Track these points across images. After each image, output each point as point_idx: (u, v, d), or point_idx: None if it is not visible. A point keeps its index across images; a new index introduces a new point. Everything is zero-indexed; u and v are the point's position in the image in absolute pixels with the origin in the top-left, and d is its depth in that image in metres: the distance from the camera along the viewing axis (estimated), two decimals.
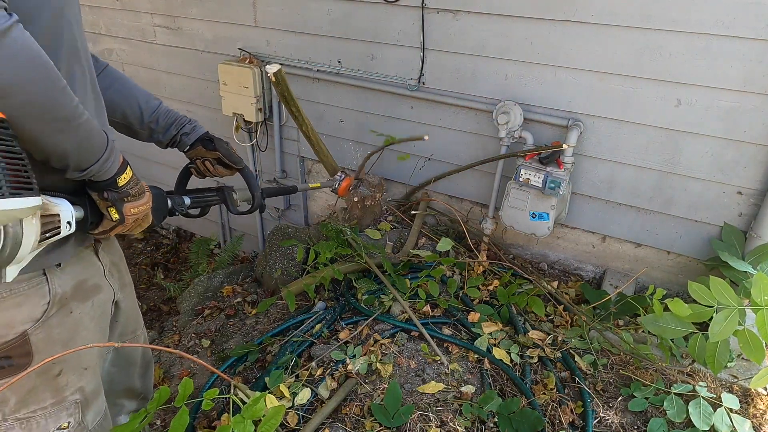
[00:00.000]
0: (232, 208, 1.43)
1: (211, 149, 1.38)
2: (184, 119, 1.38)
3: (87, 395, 1.09)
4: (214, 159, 1.40)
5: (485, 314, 2.19)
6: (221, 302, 2.83)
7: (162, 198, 1.17)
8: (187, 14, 3.15)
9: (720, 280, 1.64)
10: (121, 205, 0.98)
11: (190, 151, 1.40)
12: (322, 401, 1.80)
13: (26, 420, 0.99)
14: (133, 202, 1.01)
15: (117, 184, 0.97)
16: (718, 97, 2.03)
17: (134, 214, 1.02)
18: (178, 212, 1.24)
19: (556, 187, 2.23)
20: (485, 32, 2.34)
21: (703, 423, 1.62)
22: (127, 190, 0.99)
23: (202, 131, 1.40)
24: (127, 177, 0.99)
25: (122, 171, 0.98)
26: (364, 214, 2.76)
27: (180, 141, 1.38)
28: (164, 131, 1.34)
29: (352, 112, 2.89)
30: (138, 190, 1.02)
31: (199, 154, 1.41)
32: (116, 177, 0.96)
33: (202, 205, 1.37)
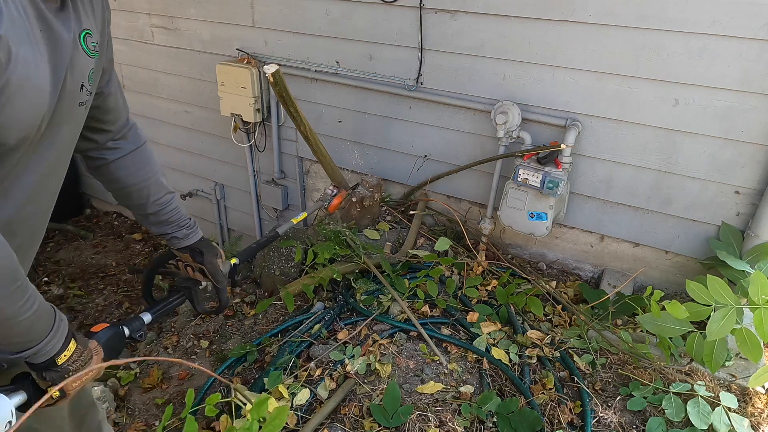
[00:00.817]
0: (199, 307, 1.40)
1: (198, 262, 1.35)
2: (183, 223, 1.35)
3: None
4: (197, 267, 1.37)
5: (484, 314, 2.19)
6: None
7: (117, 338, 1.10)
8: (185, 15, 3.15)
9: (718, 279, 1.65)
10: (61, 381, 0.92)
11: (177, 251, 1.38)
12: (320, 402, 1.80)
13: None
14: (75, 376, 0.94)
15: (56, 364, 0.91)
16: (716, 96, 2.03)
17: (77, 387, 0.96)
18: (137, 341, 1.17)
19: (555, 186, 2.23)
20: (483, 32, 2.34)
21: (702, 422, 1.62)
22: (67, 367, 0.93)
23: (193, 240, 1.36)
24: (69, 353, 0.93)
25: (64, 348, 0.92)
26: (362, 215, 2.76)
27: (169, 240, 1.36)
28: (159, 225, 1.33)
29: (351, 112, 2.89)
30: (82, 361, 0.96)
31: (185, 259, 1.38)
32: (55, 357, 0.90)
33: (165, 314, 1.34)
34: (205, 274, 1.36)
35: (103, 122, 1.15)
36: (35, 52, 0.79)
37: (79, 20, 0.89)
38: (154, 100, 3.64)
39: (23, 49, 0.75)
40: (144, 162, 1.26)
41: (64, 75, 0.86)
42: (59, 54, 0.84)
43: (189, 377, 2.29)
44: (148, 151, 1.30)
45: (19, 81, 0.76)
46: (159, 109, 3.65)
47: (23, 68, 0.76)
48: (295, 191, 3.38)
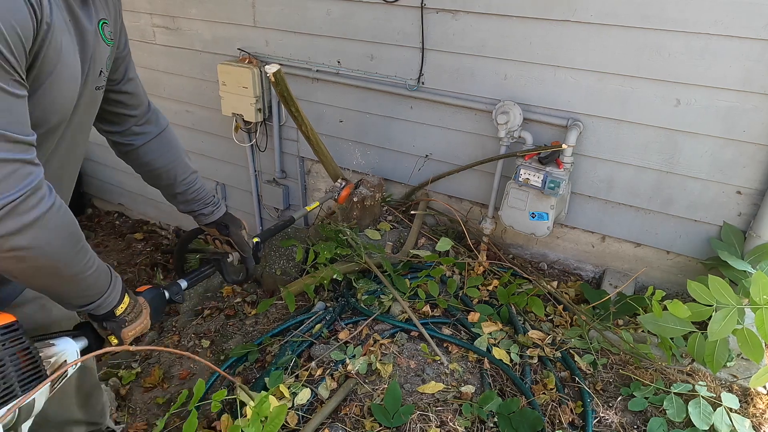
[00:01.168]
0: (228, 277, 1.50)
1: (225, 235, 1.45)
2: (209, 200, 1.45)
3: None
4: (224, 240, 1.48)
5: (485, 314, 2.19)
6: (221, 302, 2.83)
7: (159, 298, 1.21)
8: (187, 14, 3.15)
9: (719, 279, 1.65)
10: (119, 331, 1.03)
11: (205, 226, 1.48)
12: (321, 401, 1.80)
13: None
14: (130, 326, 1.06)
15: (115, 314, 1.01)
16: (717, 96, 2.03)
17: (133, 335, 1.07)
18: (175, 302, 1.28)
19: (556, 186, 2.23)
20: (484, 32, 2.34)
21: (703, 422, 1.62)
22: (124, 317, 1.04)
23: (219, 215, 1.46)
24: (125, 305, 1.04)
25: (120, 301, 1.03)
26: (363, 215, 2.76)
27: (196, 217, 1.46)
28: (187, 204, 1.42)
29: (352, 112, 2.89)
30: (135, 313, 1.07)
31: (212, 234, 1.49)
32: (114, 308, 1.01)
33: (199, 281, 1.42)
34: (232, 245, 1.46)
35: (128, 107, 1.24)
36: (70, 41, 0.85)
37: (96, 10, 0.95)
38: (155, 100, 3.58)
39: (64, 38, 0.82)
40: (170, 144, 1.35)
41: (89, 62, 0.93)
42: (85, 43, 0.91)
43: (190, 377, 2.29)
44: (172, 133, 1.40)
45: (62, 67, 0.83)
46: (160, 108, 3.63)
47: (65, 56, 0.83)
48: (297, 191, 3.38)
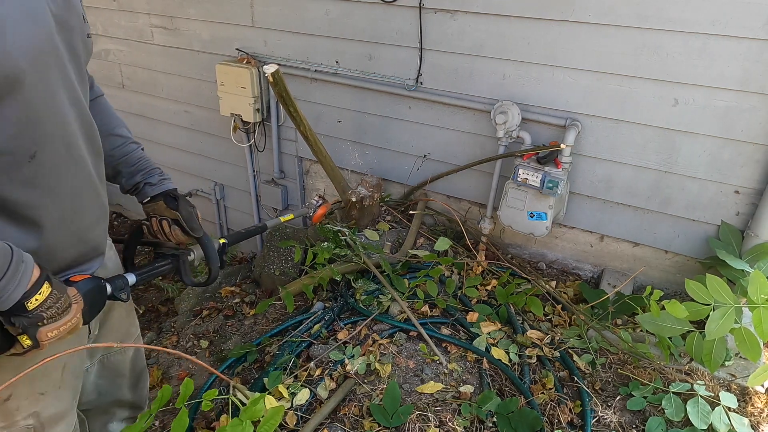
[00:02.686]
0: (186, 278, 1.29)
1: (172, 207, 1.27)
2: (154, 170, 1.31)
3: (43, 420, 1.04)
4: (173, 219, 1.28)
5: (484, 314, 2.19)
6: (219, 303, 2.83)
7: (98, 291, 1.01)
8: (185, 15, 3.15)
9: (717, 279, 1.65)
10: (35, 330, 0.84)
11: (149, 203, 1.30)
12: (320, 401, 1.80)
13: None
14: (50, 325, 0.86)
15: (26, 309, 0.82)
16: (716, 96, 2.03)
17: (53, 336, 0.87)
18: (118, 299, 1.08)
19: (554, 186, 2.23)
20: (483, 32, 2.34)
21: (702, 422, 1.62)
22: (39, 313, 0.84)
23: (168, 187, 1.31)
24: (41, 297, 0.84)
25: (34, 291, 0.83)
26: (362, 215, 2.76)
27: (141, 190, 1.30)
28: (129, 176, 1.28)
29: (350, 112, 2.89)
30: (59, 308, 0.87)
31: (158, 211, 1.29)
32: (24, 301, 0.82)
33: (151, 278, 1.23)
34: (181, 224, 1.27)
35: None
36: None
37: None
38: (153, 100, 3.64)
39: None
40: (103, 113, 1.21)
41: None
42: None
43: (189, 377, 2.29)
44: (107, 104, 1.27)
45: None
46: (158, 109, 3.65)
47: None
48: (295, 191, 3.38)
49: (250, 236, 1.62)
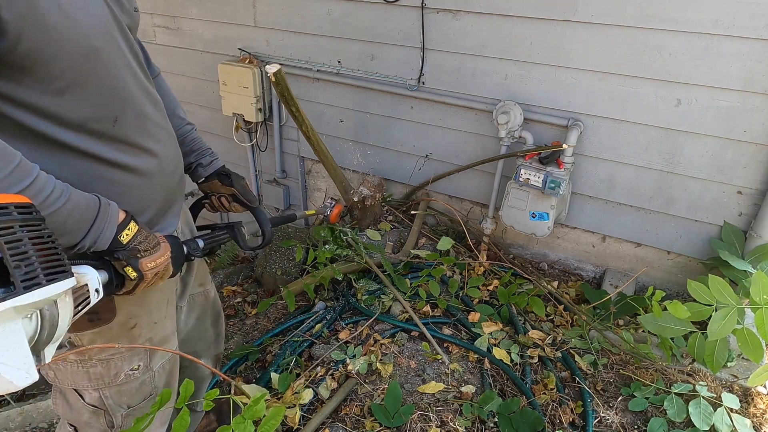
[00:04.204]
0: (243, 244, 1.42)
1: (227, 185, 1.39)
2: (206, 151, 1.41)
3: (154, 344, 1.25)
4: (230, 195, 1.42)
5: (485, 314, 2.19)
6: (221, 302, 2.83)
7: (178, 245, 1.15)
8: (187, 14, 3.15)
9: (719, 279, 1.65)
10: (136, 262, 0.97)
11: (204, 183, 1.42)
12: (322, 401, 1.80)
13: (106, 361, 1.15)
14: (148, 257, 0.99)
15: (122, 243, 0.95)
16: (718, 96, 2.03)
17: (153, 267, 1.00)
18: (194, 257, 1.22)
19: (556, 186, 2.23)
20: (485, 32, 2.34)
21: (704, 423, 1.62)
22: (135, 246, 0.97)
23: (218, 165, 1.42)
24: (131, 233, 0.97)
25: (123, 228, 0.96)
26: (363, 215, 2.76)
27: (194, 171, 1.41)
28: (183, 156, 1.36)
29: (352, 112, 2.89)
30: (149, 243, 1.01)
31: (214, 189, 1.42)
32: (117, 236, 0.94)
33: (215, 245, 1.36)
34: (238, 198, 1.41)
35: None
36: None
37: None
38: None
39: None
40: (162, 91, 1.30)
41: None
42: None
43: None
44: (164, 82, 1.38)
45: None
46: None
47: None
48: (297, 191, 3.38)
49: (282, 222, 1.77)
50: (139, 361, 1.20)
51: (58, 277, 0.73)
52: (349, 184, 2.66)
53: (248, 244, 1.44)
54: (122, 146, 1.01)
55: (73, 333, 1.10)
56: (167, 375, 1.31)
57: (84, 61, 0.89)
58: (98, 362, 1.14)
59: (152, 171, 1.09)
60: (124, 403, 1.22)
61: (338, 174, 2.58)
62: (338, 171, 2.58)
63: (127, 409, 1.22)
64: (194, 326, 1.55)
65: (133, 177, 1.05)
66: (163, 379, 1.30)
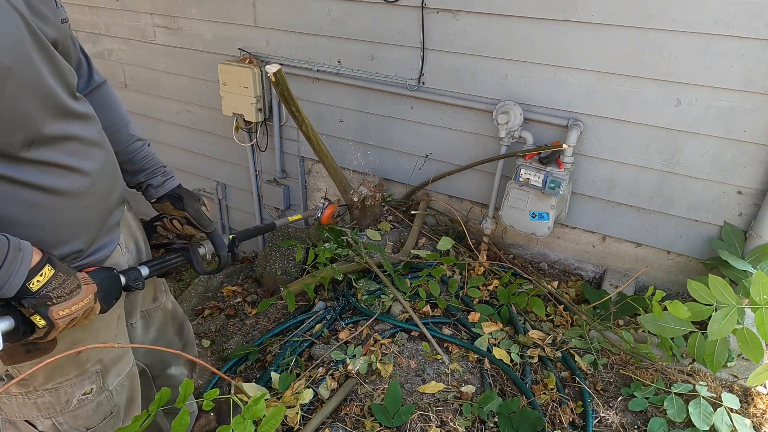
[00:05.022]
0: (199, 268, 1.36)
1: (179, 208, 1.32)
2: (158, 170, 1.34)
3: (106, 364, 1.18)
4: (182, 218, 1.35)
5: (485, 314, 2.19)
6: (221, 302, 2.83)
7: (112, 280, 1.07)
8: (187, 14, 3.15)
9: (719, 279, 1.65)
10: (46, 310, 0.88)
11: (156, 204, 1.36)
12: (322, 401, 1.80)
13: (54, 389, 1.09)
14: (61, 304, 0.90)
15: (30, 290, 0.87)
16: (718, 96, 2.03)
17: (66, 315, 0.91)
18: (134, 288, 1.14)
19: (556, 186, 2.23)
20: (485, 32, 2.34)
21: (704, 423, 1.62)
22: (46, 293, 0.88)
23: (171, 187, 1.35)
24: (44, 279, 0.88)
25: (35, 273, 0.87)
26: (363, 215, 2.76)
27: (146, 191, 1.34)
28: (132, 174, 1.31)
29: (353, 112, 2.89)
30: (66, 288, 0.91)
31: (166, 211, 1.36)
32: (26, 283, 0.86)
33: (164, 271, 1.29)
34: (191, 222, 1.34)
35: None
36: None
37: None
38: (155, 100, 3.64)
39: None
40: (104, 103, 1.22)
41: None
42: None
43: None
44: (111, 91, 1.27)
45: None
46: (161, 108, 3.66)
47: None
48: (297, 191, 3.38)
49: (259, 233, 1.72)
50: (90, 384, 1.14)
51: None
52: (349, 184, 2.66)
53: (204, 268, 1.38)
54: (45, 168, 0.93)
55: (11, 366, 1.02)
56: (128, 390, 1.26)
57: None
58: (45, 392, 1.08)
59: (84, 191, 1.01)
60: (81, 426, 1.16)
61: (338, 174, 2.58)
62: (338, 171, 2.58)
63: (87, 431, 1.17)
64: (156, 339, 1.48)
65: (61, 200, 0.97)
66: (123, 396, 1.25)
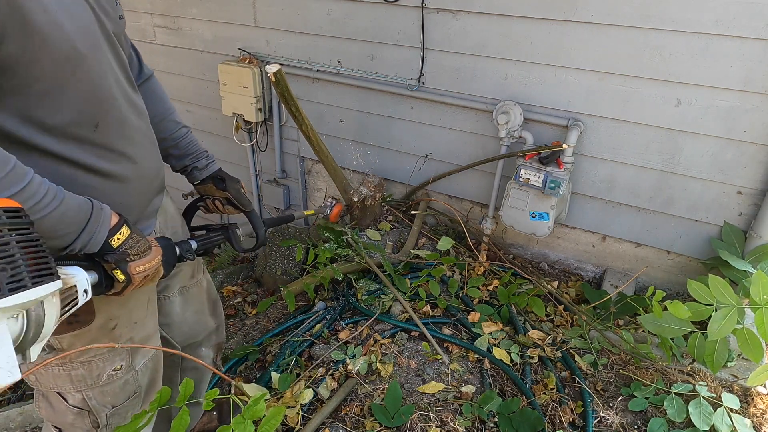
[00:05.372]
0: (237, 246, 1.45)
1: (222, 189, 1.43)
2: (201, 154, 1.44)
3: (136, 343, 1.25)
4: (224, 199, 1.45)
5: (485, 314, 2.19)
6: (221, 302, 2.83)
7: (170, 248, 1.16)
8: (187, 14, 3.15)
9: (719, 279, 1.65)
10: (125, 265, 0.98)
11: (199, 185, 1.46)
12: (322, 401, 1.80)
13: (88, 363, 1.14)
14: (137, 261, 1.00)
15: (112, 247, 0.96)
16: (718, 96, 2.03)
17: (142, 271, 1.01)
18: (186, 259, 1.24)
19: (556, 186, 2.23)
20: (485, 32, 2.34)
21: (704, 423, 1.62)
22: (125, 250, 0.98)
23: (214, 169, 1.45)
24: (122, 237, 0.97)
25: (115, 231, 0.96)
26: (363, 214, 2.76)
27: (190, 173, 1.44)
28: (178, 159, 1.41)
29: (353, 112, 2.89)
30: (140, 247, 1.01)
31: (209, 192, 1.46)
32: (108, 240, 0.95)
33: (209, 246, 1.38)
34: (232, 202, 1.44)
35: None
36: None
37: None
38: None
39: None
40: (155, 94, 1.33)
41: None
42: None
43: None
44: (158, 84, 1.38)
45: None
46: None
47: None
48: (297, 191, 3.38)
49: (280, 223, 1.80)
50: (121, 361, 1.20)
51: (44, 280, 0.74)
52: (349, 184, 2.66)
53: (242, 246, 1.47)
54: (102, 152, 1.01)
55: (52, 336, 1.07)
56: (151, 372, 1.32)
57: (67, 65, 0.88)
58: (79, 364, 1.14)
59: (131, 177, 1.09)
60: (108, 403, 1.22)
61: (338, 174, 2.58)
62: (338, 171, 2.58)
63: (112, 408, 1.23)
64: (193, 318, 1.55)
65: (111, 183, 1.05)
66: (147, 377, 1.30)
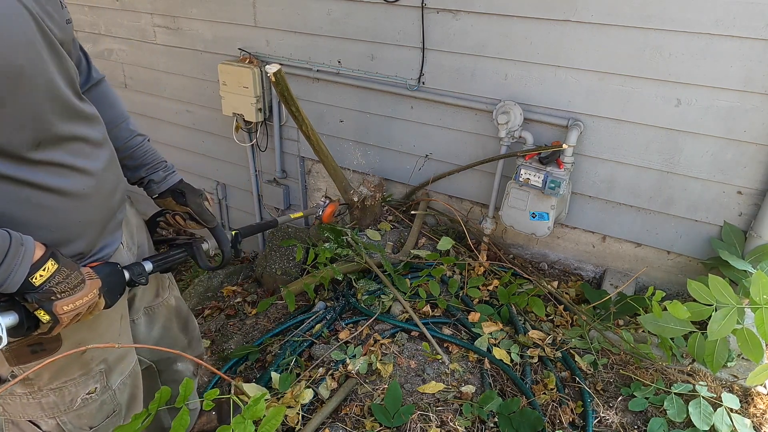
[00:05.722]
0: (202, 263, 1.35)
1: (182, 203, 1.32)
2: (159, 165, 1.32)
3: (110, 363, 1.19)
4: (185, 213, 1.34)
5: (485, 314, 2.19)
6: (221, 302, 2.83)
7: (116, 275, 1.07)
8: (187, 14, 3.15)
9: (719, 279, 1.65)
10: (50, 305, 0.88)
11: (158, 200, 1.35)
12: (322, 401, 1.80)
13: (59, 389, 1.09)
14: (65, 299, 0.90)
15: (33, 285, 0.86)
16: (718, 96, 2.03)
17: (71, 310, 0.91)
18: (137, 283, 1.14)
19: (556, 186, 2.23)
20: (485, 32, 2.34)
21: (704, 423, 1.62)
22: (50, 288, 0.88)
23: (173, 181, 1.34)
24: (47, 273, 0.88)
25: (38, 267, 0.87)
26: (363, 215, 2.76)
27: (147, 186, 1.33)
28: (133, 170, 1.31)
29: (353, 112, 2.89)
30: (70, 282, 0.91)
31: (169, 206, 1.35)
32: (29, 278, 0.85)
33: (167, 266, 1.28)
34: (194, 218, 1.33)
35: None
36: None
37: None
38: (155, 100, 3.64)
39: None
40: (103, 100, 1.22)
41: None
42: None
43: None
44: (110, 89, 1.27)
45: None
46: (161, 108, 3.66)
47: None
48: (297, 191, 3.38)
49: (261, 230, 1.69)
50: (95, 383, 1.15)
51: None
52: (349, 184, 2.66)
53: (208, 264, 1.37)
54: (53, 169, 0.94)
55: (16, 366, 1.01)
56: (130, 389, 1.27)
57: (4, 80, 0.81)
58: (50, 392, 1.08)
59: (89, 192, 1.02)
60: (85, 426, 1.16)
61: (338, 174, 2.58)
62: (338, 171, 2.58)
63: (90, 430, 1.18)
64: (161, 336, 1.47)
65: (66, 200, 0.97)
66: (126, 394, 1.25)
